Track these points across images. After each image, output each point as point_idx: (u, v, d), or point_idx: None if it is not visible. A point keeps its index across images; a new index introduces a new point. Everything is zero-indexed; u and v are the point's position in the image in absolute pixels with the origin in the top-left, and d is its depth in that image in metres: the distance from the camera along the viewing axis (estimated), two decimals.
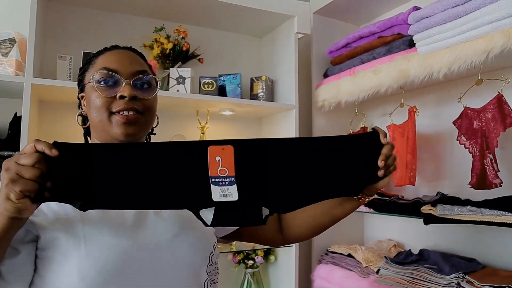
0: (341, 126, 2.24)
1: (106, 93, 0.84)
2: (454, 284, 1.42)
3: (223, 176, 0.72)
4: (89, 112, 0.87)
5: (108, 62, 0.86)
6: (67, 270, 0.72)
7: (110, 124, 0.84)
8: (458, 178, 1.71)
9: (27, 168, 0.62)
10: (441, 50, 1.45)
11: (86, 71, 0.90)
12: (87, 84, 0.87)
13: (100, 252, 0.74)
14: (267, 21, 2.19)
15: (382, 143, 0.87)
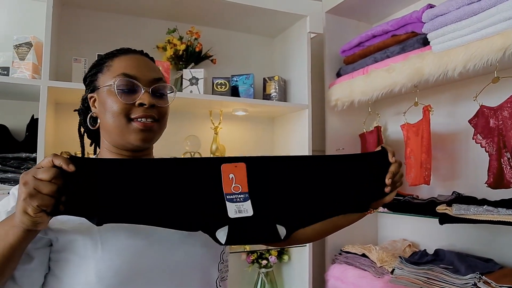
0: (354, 125, 2.23)
1: (125, 99, 0.84)
2: (470, 284, 1.40)
3: (237, 192, 0.75)
4: (103, 116, 0.87)
5: (127, 67, 0.87)
6: (85, 271, 0.74)
7: (128, 130, 0.85)
8: (473, 178, 1.69)
9: (44, 183, 0.63)
10: (456, 48, 1.44)
11: (100, 72, 0.90)
12: (102, 87, 0.87)
13: (117, 253, 0.75)
14: (280, 21, 2.19)
15: (390, 162, 0.89)
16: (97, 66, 0.91)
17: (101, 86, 0.87)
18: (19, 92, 1.66)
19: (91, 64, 0.95)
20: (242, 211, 0.74)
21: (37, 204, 0.62)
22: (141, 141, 0.85)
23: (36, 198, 0.62)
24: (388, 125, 2.19)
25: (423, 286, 1.54)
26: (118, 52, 0.91)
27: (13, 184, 1.55)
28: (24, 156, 1.58)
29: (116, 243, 0.76)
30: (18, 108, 1.78)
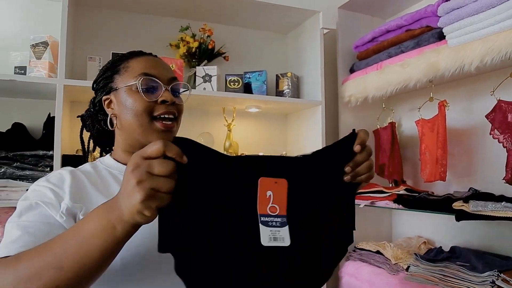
0: (368, 122, 2.21)
1: (149, 97, 0.87)
2: (488, 282, 1.38)
3: (273, 215, 0.61)
4: (124, 115, 0.89)
5: (146, 67, 0.89)
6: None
7: (150, 130, 0.87)
8: (491, 174, 1.67)
9: (164, 181, 0.54)
10: (473, 42, 1.41)
11: (116, 74, 0.92)
12: (122, 88, 0.89)
13: (141, 242, 0.75)
14: (292, 17, 2.18)
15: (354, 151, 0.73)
16: (111, 69, 0.93)
17: (119, 87, 0.89)
18: (36, 91, 1.69)
19: (102, 69, 0.97)
20: (278, 239, 0.60)
21: (156, 206, 0.54)
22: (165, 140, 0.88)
23: (155, 199, 0.54)
24: (403, 121, 2.17)
25: (439, 284, 1.53)
26: (131, 55, 0.94)
27: (31, 182, 1.57)
28: (42, 153, 1.60)
29: (140, 231, 0.76)
30: (35, 106, 1.81)
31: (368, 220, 2.20)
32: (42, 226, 0.73)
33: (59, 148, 1.55)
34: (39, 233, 0.71)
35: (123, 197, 0.55)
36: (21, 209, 0.76)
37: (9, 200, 1.52)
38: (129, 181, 0.54)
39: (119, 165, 0.92)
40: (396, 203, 1.82)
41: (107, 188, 0.85)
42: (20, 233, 0.70)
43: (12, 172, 1.57)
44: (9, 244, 0.69)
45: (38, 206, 0.76)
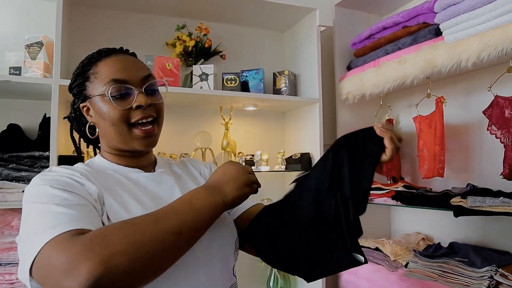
0: (366, 119, 2.21)
1: (121, 105, 0.83)
2: (487, 277, 1.38)
3: None
4: (103, 124, 0.86)
5: (115, 72, 0.84)
6: None
7: (130, 138, 0.86)
8: (488, 169, 1.67)
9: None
10: (470, 38, 1.41)
11: (87, 81, 0.87)
12: (95, 97, 0.85)
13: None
14: (289, 15, 2.17)
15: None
16: (82, 74, 0.88)
17: (92, 96, 0.86)
18: (31, 92, 1.68)
19: (74, 73, 0.91)
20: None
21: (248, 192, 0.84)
22: (145, 147, 0.88)
23: (248, 188, 0.83)
24: (400, 118, 2.17)
25: (438, 280, 1.53)
26: (99, 56, 0.88)
27: (27, 183, 1.56)
28: (38, 154, 1.59)
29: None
30: (30, 107, 1.80)
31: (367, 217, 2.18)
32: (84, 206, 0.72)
33: (55, 149, 1.54)
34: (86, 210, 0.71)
35: (233, 179, 0.82)
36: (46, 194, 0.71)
37: (5, 202, 1.51)
38: (241, 178, 0.83)
39: (112, 165, 0.90)
40: (394, 200, 1.82)
41: (108, 184, 0.82)
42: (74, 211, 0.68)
43: (8, 173, 1.56)
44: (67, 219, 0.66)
45: (68, 192, 0.73)
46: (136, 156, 0.92)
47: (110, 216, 0.76)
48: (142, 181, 0.88)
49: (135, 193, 0.84)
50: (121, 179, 0.86)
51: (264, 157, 2.08)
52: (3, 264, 1.50)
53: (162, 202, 0.84)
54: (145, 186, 0.88)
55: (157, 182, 0.90)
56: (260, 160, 2.06)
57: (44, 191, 0.71)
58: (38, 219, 0.67)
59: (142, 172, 0.90)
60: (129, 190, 0.84)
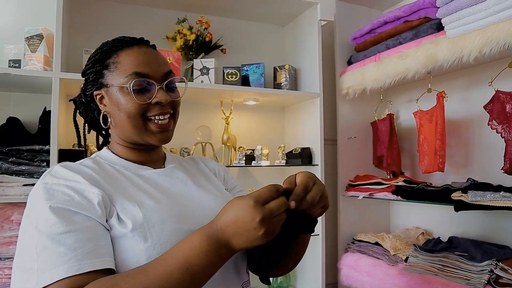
0: (366, 113, 2.21)
1: (141, 99, 0.82)
2: (487, 271, 1.39)
3: None
4: (118, 115, 0.85)
5: (138, 65, 0.83)
6: (137, 256, 0.73)
7: (146, 132, 0.85)
8: (488, 164, 1.67)
9: (279, 220, 0.68)
10: (472, 33, 1.41)
11: (106, 70, 0.85)
12: (113, 87, 0.84)
13: (166, 238, 0.74)
14: (290, 9, 2.16)
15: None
16: (101, 61, 0.86)
17: (110, 85, 0.84)
18: (31, 85, 1.67)
19: (90, 59, 0.89)
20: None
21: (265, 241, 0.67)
22: (160, 141, 0.86)
23: (265, 239, 0.66)
24: (400, 113, 2.17)
25: (438, 274, 1.54)
26: (121, 45, 0.86)
27: (27, 177, 1.56)
28: (38, 148, 1.58)
29: (164, 228, 0.75)
30: (30, 100, 1.79)
31: (366, 212, 2.21)
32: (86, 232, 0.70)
33: (55, 143, 1.53)
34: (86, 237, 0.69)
35: (242, 232, 0.66)
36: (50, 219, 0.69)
37: (6, 196, 1.50)
38: (251, 223, 0.65)
39: (121, 160, 0.88)
40: (394, 195, 1.83)
41: (117, 183, 0.81)
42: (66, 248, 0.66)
43: (8, 167, 1.55)
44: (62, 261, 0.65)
45: (67, 212, 0.70)
46: (148, 150, 0.91)
47: (122, 216, 0.74)
48: (154, 178, 0.87)
49: (146, 189, 0.82)
50: (130, 176, 0.85)
51: (264, 152, 2.08)
52: (3, 258, 1.50)
53: (178, 196, 0.84)
54: (158, 182, 0.86)
55: (169, 178, 0.89)
56: (260, 154, 2.06)
57: (43, 215, 0.69)
58: (36, 254, 0.66)
59: (151, 169, 0.89)
60: (140, 186, 0.82)
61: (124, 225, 0.73)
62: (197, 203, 0.86)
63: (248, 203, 0.65)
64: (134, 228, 0.73)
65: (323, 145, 2.04)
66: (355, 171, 2.19)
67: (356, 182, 2.11)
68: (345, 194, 2.13)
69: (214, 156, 2.07)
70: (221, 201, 0.86)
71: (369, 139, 2.22)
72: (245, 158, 2.05)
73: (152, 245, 0.72)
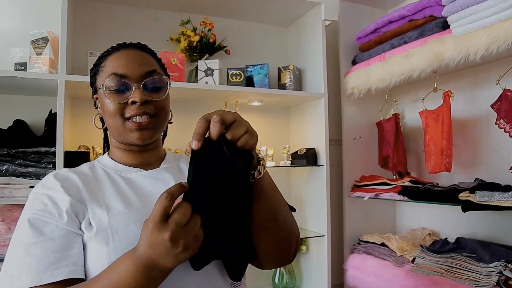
0: (371, 113, 2.20)
1: (117, 99, 0.83)
2: (496, 272, 1.37)
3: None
4: (104, 116, 0.89)
5: (116, 66, 0.84)
6: (100, 259, 0.74)
7: (125, 130, 0.85)
8: (496, 164, 1.66)
9: (191, 229, 0.64)
10: (478, 31, 1.40)
11: (97, 74, 0.89)
12: (99, 89, 0.87)
13: (128, 243, 0.74)
14: (293, 9, 2.16)
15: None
16: (95, 66, 0.91)
17: (98, 88, 0.88)
18: (37, 87, 1.68)
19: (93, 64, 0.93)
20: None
21: (192, 250, 0.65)
22: (140, 139, 0.85)
23: (190, 249, 0.64)
24: (406, 113, 2.16)
25: (445, 275, 1.52)
26: (112, 50, 0.89)
27: (34, 179, 1.56)
28: (44, 150, 1.59)
29: (127, 234, 0.76)
30: (36, 103, 1.80)
31: (372, 213, 2.20)
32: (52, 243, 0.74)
33: (61, 145, 1.53)
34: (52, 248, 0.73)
35: (161, 253, 0.63)
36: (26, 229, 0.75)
37: (13, 197, 1.51)
38: (164, 242, 0.62)
39: (116, 164, 0.90)
40: (401, 195, 1.81)
41: (100, 188, 0.83)
42: (34, 260, 0.71)
43: (15, 169, 1.56)
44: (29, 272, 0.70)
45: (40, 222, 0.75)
46: (140, 151, 0.91)
47: (91, 221, 0.76)
48: (139, 180, 0.88)
49: (125, 193, 0.83)
50: (117, 179, 0.86)
51: (269, 153, 2.07)
52: None
53: (153, 200, 0.76)
54: (142, 185, 0.87)
55: (154, 180, 0.89)
56: (265, 155, 2.05)
57: (21, 225, 0.76)
58: (14, 260, 0.73)
59: (141, 171, 0.89)
60: (119, 190, 0.84)
61: (91, 229, 0.76)
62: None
63: (149, 227, 0.63)
64: (97, 232, 0.75)
65: (328, 145, 2.03)
66: (360, 171, 2.18)
67: (362, 182, 2.09)
68: (351, 194, 2.12)
69: None
70: None
71: (374, 139, 2.21)
72: None
73: (113, 249, 0.73)
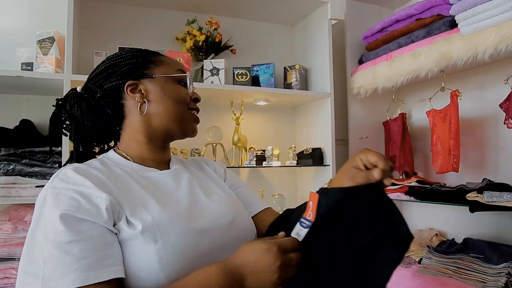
0: (378, 113, 2.19)
1: (186, 91, 0.93)
2: (504, 274, 1.36)
3: (307, 218, 0.77)
4: (161, 102, 0.89)
5: (179, 65, 0.96)
6: (148, 259, 0.72)
7: (187, 119, 0.93)
8: (505, 164, 1.64)
9: (293, 263, 0.74)
10: (487, 29, 1.38)
11: (151, 64, 0.92)
12: (160, 77, 0.91)
13: (176, 239, 0.75)
14: (300, 8, 2.15)
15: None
16: (142, 57, 0.92)
17: (157, 75, 0.90)
18: (43, 87, 1.68)
19: (124, 56, 0.91)
20: (299, 235, 0.77)
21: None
22: (195, 132, 0.96)
23: (276, 284, 0.72)
24: (413, 112, 2.14)
25: (452, 276, 1.51)
26: (152, 51, 0.96)
27: (40, 178, 1.57)
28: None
29: (175, 230, 0.76)
30: (42, 102, 1.81)
31: None
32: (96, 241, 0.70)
33: (67, 144, 1.54)
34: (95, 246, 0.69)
35: (259, 272, 0.71)
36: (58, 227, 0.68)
37: (19, 197, 1.52)
38: (269, 267, 0.71)
39: (128, 162, 0.88)
40: (407, 195, 1.80)
41: (125, 186, 0.81)
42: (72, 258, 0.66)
43: (21, 168, 1.56)
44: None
45: (74, 219, 0.70)
46: (164, 148, 0.94)
47: (131, 219, 0.74)
48: (160, 179, 0.88)
49: (154, 192, 0.83)
50: (138, 178, 0.85)
51: (275, 152, 2.07)
52: (17, 258, 1.51)
53: (184, 197, 0.86)
54: (164, 184, 0.87)
55: (175, 179, 0.90)
56: (271, 155, 2.05)
57: (51, 223, 0.69)
58: (42, 261, 0.66)
59: (157, 171, 0.89)
60: (147, 188, 0.83)
61: (134, 227, 0.73)
62: (203, 204, 0.87)
63: (272, 248, 0.71)
64: (144, 230, 0.73)
65: (334, 145, 2.02)
66: None
67: None
68: None
69: (225, 157, 2.07)
70: (226, 201, 0.92)
71: (381, 139, 2.19)
72: (255, 159, 2.04)
73: (163, 246, 0.73)
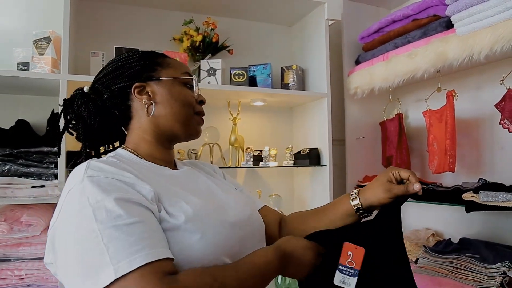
0: (375, 113, 2.19)
1: (192, 94, 0.94)
2: (500, 273, 1.36)
3: (349, 267, 0.84)
4: (168, 104, 0.90)
5: (186, 68, 0.97)
6: (190, 248, 0.74)
7: (193, 121, 0.94)
8: (500, 164, 1.64)
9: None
10: (483, 30, 1.39)
11: (158, 66, 0.92)
12: (167, 79, 0.91)
13: (216, 229, 0.78)
14: (297, 9, 2.15)
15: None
16: (150, 59, 0.93)
17: (164, 78, 0.91)
18: (39, 87, 1.68)
19: (132, 57, 0.92)
20: (346, 283, 0.84)
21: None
22: (198, 133, 0.97)
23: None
24: (409, 112, 2.15)
25: (449, 276, 1.51)
26: (160, 53, 0.98)
27: (36, 179, 1.56)
28: (46, 150, 1.59)
29: (212, 221, 0.79)
30: (38, 103, 1.80)
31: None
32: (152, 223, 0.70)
33: (63, 145, 1.53)
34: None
35: (299, 263, 0.84)
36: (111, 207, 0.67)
37: (15, 197, 1.51)
38: (308, 262, 0.85)
39: (142, 161, 0.87)
40: None
41: (155, 178, 0.80)
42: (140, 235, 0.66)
43: (17, 169, 1.55)
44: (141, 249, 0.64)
45: (129, 203, 0.69)
46: (170, 148, 0.96)
47: (171, 210, 0.75)
48: (180, 176, 0.90)
49: (182, 186, 0.84)
50: (159, 173, 0.85)
51: (272, 153, 2.07)
52: (13, 259, 1.50)
53: (207, 193, 0.90)
54: (186, 180, 0.89)
55: (192, 177, 0.93)
56: (268, 155, 2.05)
57: (104, 208, 0.66)
58: (104, 245, 0.63)
59: (170, 170, 0.90)
60: (175, 183, 0.84)
61: (176, 218, 0.74)
62: (225, 199, 0.90)
63: (315, 248, 0.86)
64: (187, 221, 0.74)
65: (331, 145, 2.02)
66: (363, 171, 2.17)
67: (365, 182, 2.08)
68: None
69: (222, 157, 2.07)
70: (240, 197, 0.97)
71: (377, 139, 2.20)
72: (252, 159, 2.04)
73: (205, 236, 0.75)
